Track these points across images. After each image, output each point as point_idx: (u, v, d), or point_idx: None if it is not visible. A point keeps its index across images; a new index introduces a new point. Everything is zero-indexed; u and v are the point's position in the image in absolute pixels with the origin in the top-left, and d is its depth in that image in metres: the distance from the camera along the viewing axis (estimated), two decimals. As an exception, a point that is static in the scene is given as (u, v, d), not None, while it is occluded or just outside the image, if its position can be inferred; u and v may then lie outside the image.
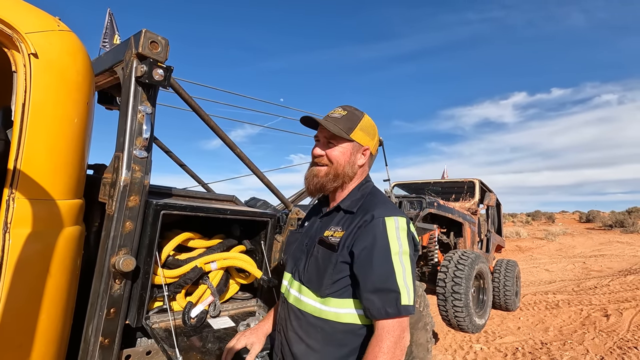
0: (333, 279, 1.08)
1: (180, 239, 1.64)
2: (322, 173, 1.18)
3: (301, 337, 1.13)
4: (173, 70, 1.45)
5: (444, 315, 4.28)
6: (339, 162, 1.17)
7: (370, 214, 1.08)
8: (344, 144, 1.18)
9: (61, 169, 1.21)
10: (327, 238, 1.14)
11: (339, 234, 1.12)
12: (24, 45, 1.11)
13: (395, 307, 0.97)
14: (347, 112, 1.19)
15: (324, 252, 1.12)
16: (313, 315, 1.11)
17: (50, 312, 1.18)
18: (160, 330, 1.44)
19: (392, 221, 1.06)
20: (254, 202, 3.02)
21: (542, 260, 12.67)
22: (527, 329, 5.19)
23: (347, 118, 1.18)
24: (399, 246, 1.03)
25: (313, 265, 1.14)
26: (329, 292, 1.08)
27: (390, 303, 0.98)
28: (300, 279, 1.17)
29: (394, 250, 1.02)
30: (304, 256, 1.20)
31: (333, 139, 1.18)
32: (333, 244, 1.11)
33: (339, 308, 1.07)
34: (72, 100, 1.23)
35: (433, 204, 4.72)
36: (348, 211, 1.16)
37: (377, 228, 1.05)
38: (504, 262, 6.33)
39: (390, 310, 0.97)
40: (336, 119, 1.17)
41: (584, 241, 18.53)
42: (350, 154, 1.19)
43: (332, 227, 1.17)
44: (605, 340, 4.62)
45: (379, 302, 0.99)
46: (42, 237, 1.16)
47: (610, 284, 7.99)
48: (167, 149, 2.70)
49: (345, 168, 1.18)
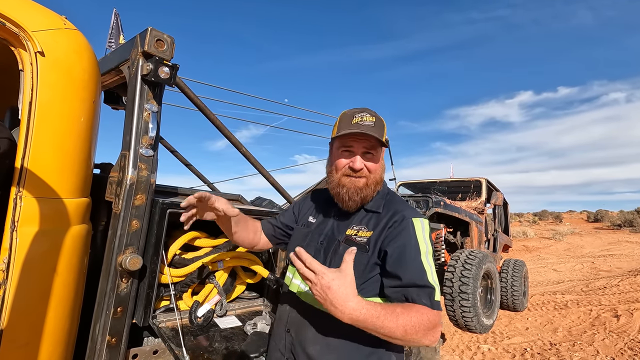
0: (363, 279, 1.08)
1: (186, 238, 1.64)
2: (362, 184, 1.15)
3: (318, 337, 1.10)
4: (179, 68, 1.45)
5: (451, 316, 4.24)
6: (377, 170, 1.17)
7: (400, 214, 1.11)
8: (380, 151, 1.17)
9: (68, 167, 1.21)
10: (353, 237, 1.14)
11: (365, 234, 1.12)
12: (30, 44, 1.11)
13: (429, 300, 0.98)
14: (376, 119, 1.15)
15: None
16: None
17: (57, 311, 1.18)
18: (167, 330, 1.44)
19: (419, 222, 1.10)
20: (259, 201, 3.01)
21: (550, 260, 12.53)
22: (535, 330, 5.12)
23: (379, 124, 1.14)
24: (426, 246, 1.07)
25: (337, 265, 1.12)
26: None
27: (425, 296, 0.99)
28: None
29: (423, 250, 1.06)
30: (321, 254, 1.18)
31: (373, 148, 1.15)
32: (362, 244, 1.11)
33: None
34: (79, 98, 1.23)
35: (439, 203, 4.68)
36: (372, 211, 1.17)
37: (408, 229, 1.08)
38: (512, 262, 6.26)
39: (425, 302, 0.98)
40: (371, 127, 1.12)
41: (593, 241, 18.31)
42: (382, 161, 1.21)
43: (355, 226, 1.16)
44: (616, 341, 4.55)
45: (415, 295, 0.99)
46: (49, 235, 1.16)
47: (620, 284, 7.87)
48: (173, 149, 2.70)
49: (381, 176, 1.20)
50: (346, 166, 1.16)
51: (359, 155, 1.15)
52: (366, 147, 1.15)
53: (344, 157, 1.17)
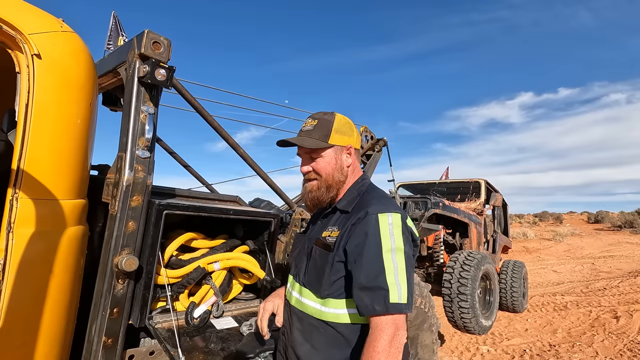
0: (331, 280, 1.08)
1: (183, 239, 1.64)
2: (315, 187, 1.18)
3: (305, 338, 1.13)
4: (175, 70, 1.45)
5: (450, 317, 4.24)
6: (327, 172, 1.18)
7: (364, 211, 1.06)
8: (325, 152, 1.18)
9: (64, 169, 1.22)
10: (324, 239, 1.15)
11: (335, 234, 1.12)
12: (27, 46, 1.12)
13: (384, 304, 0.95)
14: (318, 120, 1.18)
15: (321, 252, 1.13)
16: (314, 317, 1.11)
17: (53, 312, 1.19)
18: (163, 331, 1.44)
19: (385, 217, 1.04)
20: (258, 202, 3.02)
21: (550, 261, 12.51)
22: (535, 331, 5.12)
23: (319, 126, 1.17)
24: (392, 242, 1.01)
25: (312, 267, 1.15)
26: (328, 293, 1.08)
27: (378, 300, 0.95)
28: (302, 281, 1.18)
29: (386, 248, 1.00)
30: (305, 258, 1.21)
31: (313, 152, 1.18)
32: (329, 244, 1.11)
33: (337, 309, 1.07)
34: (75, 100, 1.23)
35: (438, 204, 4.69)
36: (343, 211, 1.16)
37: (369, 224, 1.03)
38: (511, 263, 6.26)
39: (377, 308, 0.95)
40: (309, 131, 1.17)
41: (593, 242, 18.28)
42: (335, 160, 1.18)
43: (330, 227, 1.17)
44: (615, 342, 4.55)
45: (367, 299, 0.97)
46: (45, 236, 1.16)
47: (620, 285, 7.86)
48: (171, 150, 2.71)
49: (334, 176, 1.18)
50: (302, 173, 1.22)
51: (304, 159, 1.21)
52: (306, 151, 1.19)
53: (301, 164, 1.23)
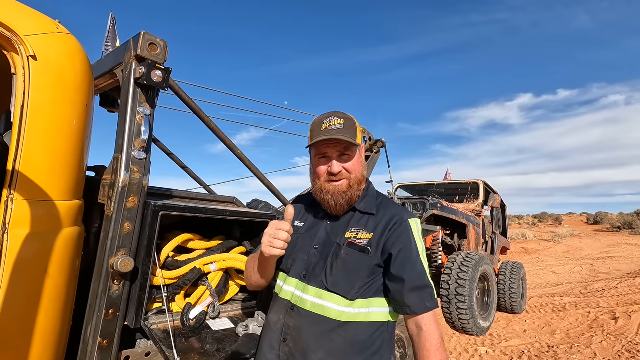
0: (366, 281, 1.11)
1: (179, 240, 1.64)
2: (345, 187, 1.16)
3: (321, 344, 1.08)
4: (172, 71, 1.46)
5: (448, 318, 4.24)
6: (357, 170, 1.19)
7: (399, 217, 1.15)
8: (355, 151, 1.19)
9: (60, 170, 1.22)
10: (353, 239, 1.14)
11: (365, 236, 1.14)
12: (23, 48, 1.12)
13: (432, 300, 1.08)
14: (345, 119, 1.17)
15: (354, 254, 1.12)
16: (337, 320, 1.08)
17: (49, 313, 1.19)
18: (159, 332, 1.44)
19: (414, 223, 1.16)
20: (256, 203, 3.02)
21: (549, 262, 12.52)
22: (533, 332, 5.11)
23: (349, 125, 1.16)
24: (422, 246, 1.15)
25: (341, 269, 1.11)
26: (358, 294, 1.10)
27: (427, 298, 1.08)
28: (324, 284, 1.12)
29: (421, 250, 1.13)
30: (321, 260, 1.15)
31: (347, 150, 1.17)
32: (363, 246, 1.12)
33: (367, 307, 1.10)
34: (71, 102, 1.24)
35: (436, 205, 4.69)
36: (366, 212, 1.19)
37: (409, 230, 1.13)
38: (510, 264, 6.26)
39: (429, 305, 1.07)
40: (340, 130, 1.14)
41: (592, 243, 18.29)
42: (360, 159, 1.22)
43: (353, 229, 1.17)
44: (614, 343, 4.54)
45: (417, 298, 1.07)
46: (41, 238, 1.16)
47: (618, 286, 7.86)
48: (169, 151, 2.71)
49: (362, 172, 1.21)
50: (326, 173, 1.18)
51: (334, 159, 1.17)
52: (339, 150, 1.17)
53: (322, 164, 1.19)
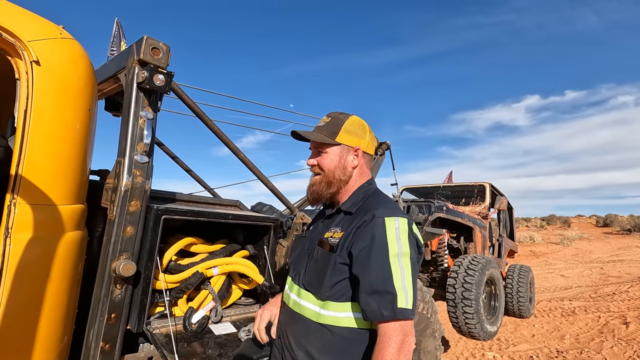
0: (332, 281, 1.07)
1: (182, 243, 1.64)
2: (317, 182, 1.21)
3: (301, 343, 1.11)
4: (174, 75, 1.46)
5: (454, 322, 4.18)
6: (329, 168, 1.19)
7: (371, 214, 1.06)
8: (330, 149, 1.20)
9: (62, 174, 1.22)
10: (326, 239, 1.14)
11: (338, 235, 1.11)
12: (26, 53, 1.13)
13: (391, 309, 0.94)
14: (331, 118, 1.22)
15: (323, 253, 1.12)
16: (312, 320, 1.09)
17: (51, 317, 1.19)
18: (161, 336, 1.44)
19: (392, 221, 1.03)
20: (260, 207, 3.02)
21: (558, 265, 12.34)
22: (542, 337, 5.03)
23: (331, 123, 1.20)
24: (399, 247, 1.00)
25: (313, 268, 1.13)
26: (328, 295, 1.07)
27: (385, 305, 0.94)
28: (301, 282, 1.16)
29: (393, 252, 1.00)
30: (306, 259, 1.19)
31: (320, 147, 1.21)
32: (332, 245, 1.10)
33: (337, 312, 1.06)
34: (74, 106, 1.24)
35: (442, 208, 4.65)
36: (347, 212, 1.16)
37: (376, 228, 1.02)
38: (517, 267, 6.18)
39: (385, 313, 0.94)
40: (320, 127, 1.21)
41: (602, 246, 18.01)
42: (339, 159, 1.19)
43: (332, 228, 1.16)
44: (625, 349, 4.45)
45: (374, 304, 0.96)
46: (43, 242, 1.17)
47: (629, 290, 7.71)
48: (174, 155, 2.72)
49: (336, 173, 1.19)
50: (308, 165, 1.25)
51: (312, 154, 1.24)
52: (314, 145, 1.23)
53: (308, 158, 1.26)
